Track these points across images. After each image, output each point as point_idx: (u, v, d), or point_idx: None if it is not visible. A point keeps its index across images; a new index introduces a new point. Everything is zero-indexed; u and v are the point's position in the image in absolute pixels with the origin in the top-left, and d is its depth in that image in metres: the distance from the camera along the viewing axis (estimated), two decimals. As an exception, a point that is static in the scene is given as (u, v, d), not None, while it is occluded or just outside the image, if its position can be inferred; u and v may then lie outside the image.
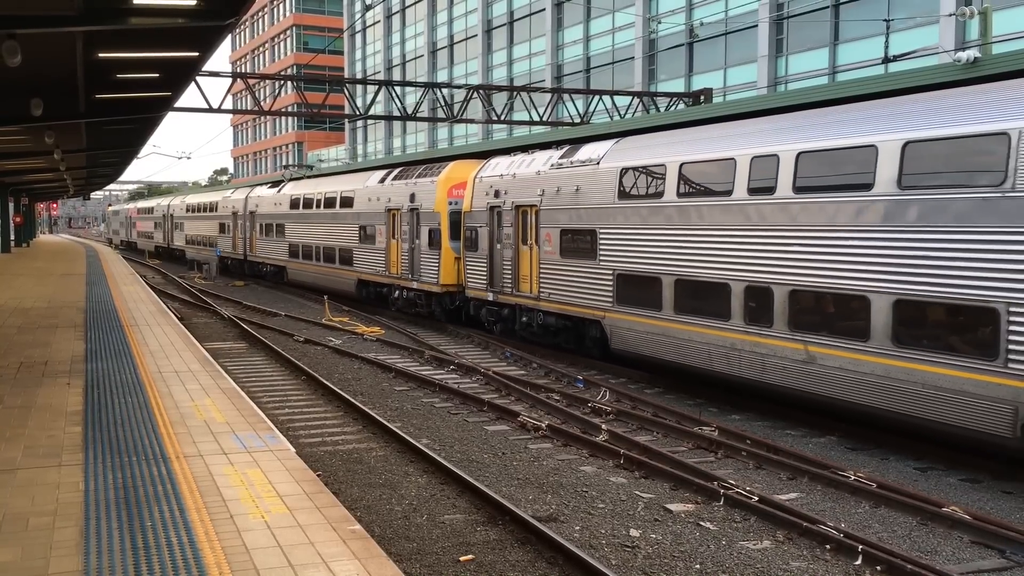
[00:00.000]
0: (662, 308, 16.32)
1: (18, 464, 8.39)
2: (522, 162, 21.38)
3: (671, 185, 16.24)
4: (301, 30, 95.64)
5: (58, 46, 13.95)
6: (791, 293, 13.66)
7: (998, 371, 10.71)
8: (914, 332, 11.84)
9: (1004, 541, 9.23)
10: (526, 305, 20.99)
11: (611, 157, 18.14)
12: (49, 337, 16.68)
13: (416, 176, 26.68)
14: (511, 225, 21.33)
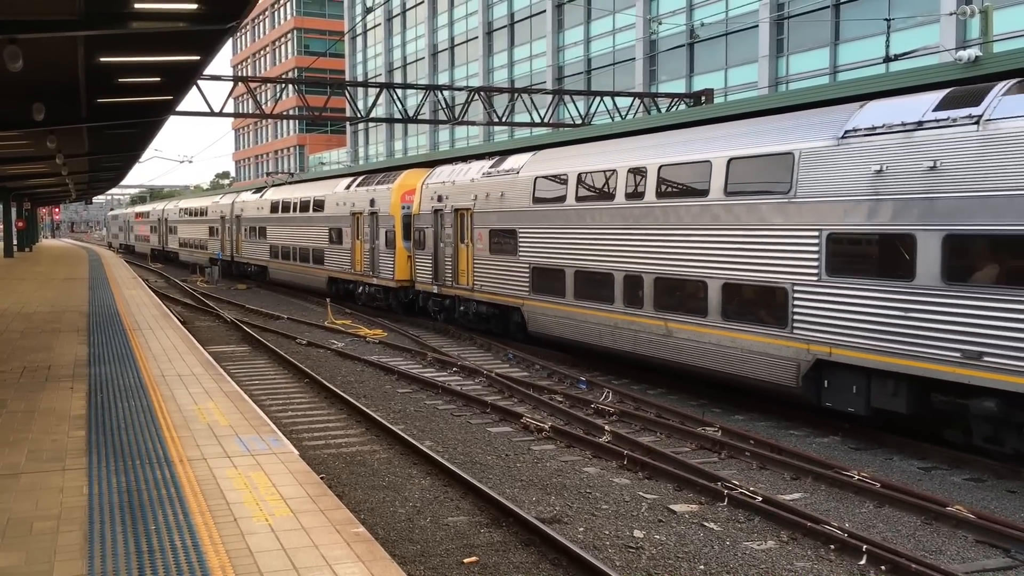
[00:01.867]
0: (565, 295, 19.23)
1: (22, 468, 8.40)
2: (461, 171, 24.25)
3: (571, 191, 19.09)
4: (302, 33, 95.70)
5: (60, 51, 13.97)
6: (655, 280, 16.62)
7: (787, 336, 13.82)
8: (736, 309, 14.88)
9: (1009, 540, 9.22)
10: (463, 296, 23.82)
11: (529, 167, 20.95)
12: (52, 341, 16.69)
13: (375, 183, 29.72)
14: (451, 226, 24.10)
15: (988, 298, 11.11)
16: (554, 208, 19.62)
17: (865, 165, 12.71)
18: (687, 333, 15.75)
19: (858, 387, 12.88)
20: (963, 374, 11.39)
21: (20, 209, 61.37)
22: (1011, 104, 11.19)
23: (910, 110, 12.45)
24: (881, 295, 12.41)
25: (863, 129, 12.87)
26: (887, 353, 12.33)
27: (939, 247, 11.71)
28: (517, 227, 20.97)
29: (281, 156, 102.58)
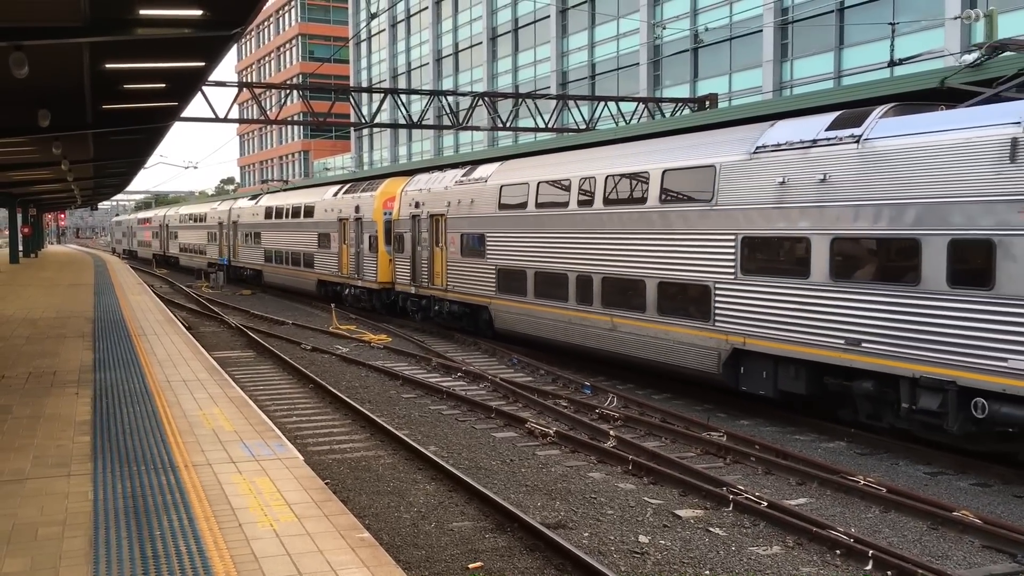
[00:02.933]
0: (527, 295, 20.78)
1: (27, 474, 8.41)
2: (436, 179, 25.87)
3: (532, 198, 20.66)
4: (307, 39, 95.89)
5: (65, 57, 14.00)
6: (603, 280, 18.14)
7: (710, 329, 15.41)
8: (669, 305, 16.46)
9: (1015, 545, 9.18)
10: (438, 296, 25.36)
11: (496, 176, 22.56)
12: (57, 347, 16.72)
13: (360, 191, 31.42)
14: (427, 231, 25.69)
15: (865, 293, 12.76)
16: (517, 214, 21.24)
17: (771, 177, 14.31)
18: (629, 327, 17.39)
19: (767, 372, 14.51)
20: (846, 359, 13.03)
21: (26, 215, 61.52)
22: (885, 126, 12.77)
23: (808, 129, 14.03)
24: (783, 291, 14.08)
25: (771, 145, 14.49)
26: (789, 342, 13.98)
27: (828, 249, 13.34)
28: (485, 231, 22.55)
29: (286, 162, 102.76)
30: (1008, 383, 10.95)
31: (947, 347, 11.66)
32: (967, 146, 11.55)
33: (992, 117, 11.51)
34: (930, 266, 11.91)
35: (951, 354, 11.61)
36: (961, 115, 11.99)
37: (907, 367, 12.14)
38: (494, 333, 22.74)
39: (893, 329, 12.31)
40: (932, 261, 11.89)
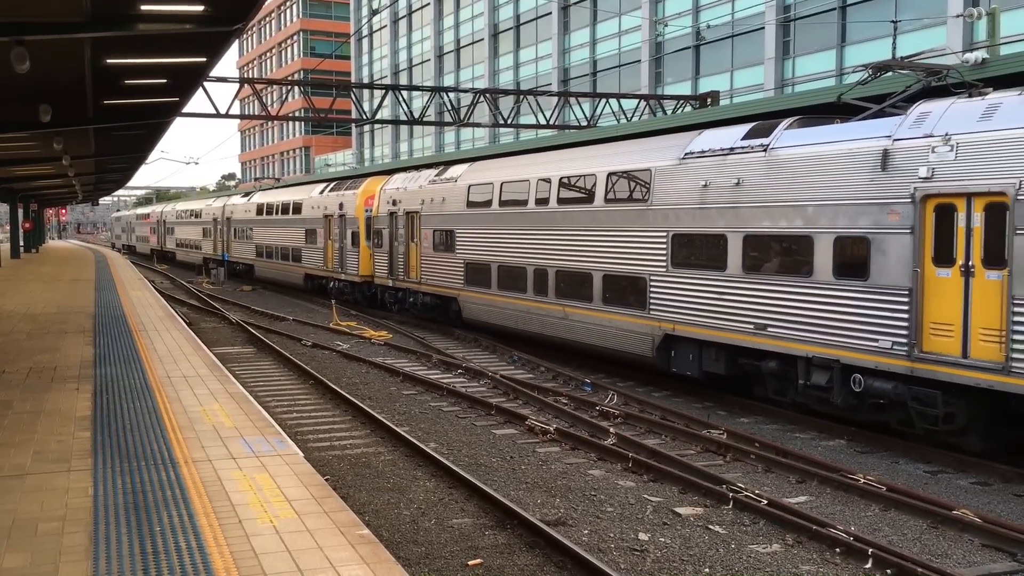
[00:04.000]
0: (491, 287, 22.29)
1: (27, 469, 8.41)
2: (412, 178, 27.43)
3: (496, 197, 22.22)
4: (308, 35, 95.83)
5: (66, 52, 13.99)
6: (556, 273, 19.77)
7: (646, 317, 17.07)
8: (612, 295, 17.98)
9: (1015, 544, 9.18)
10: (412, 288, 26.97)
11: (465, 176, 24.10)
12: (58, 342, 16.73)
13: (344, 189, 32.97)
14: (404, 227, 27.32)
15: (771, 284, 14.45)
16: (483, 212, 22.81)
17: (696, 180, 15.90)
18: (579, 316, 19.03)
19: (693, 355, 16.17)
20: (756, 342, 14.70)
21: (27, 210, 61.53)
22: (788, 136, 14.43)
23: (727, 138, 15.65)
24: (705, 283, 15.70)
25: (696, 152, 16.11)
26: (710, 327, 15.62)
27: (741, 245, 14.98)
28: (455, 228, 24.17)
29: (287, 158, 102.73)
30: (879, 360, 12.65)
31: (833, 330, 13.34)
32: (849, 156, 13.15)
33: (870, 131, 13.05)
34: (820, 260, 13.58)
35: (836, 336, 13.28)
36: (848, 128, 13.54)
37: (802, 348, 13.85)
38: (463, 323, 24.30)
39: (792, 315, 14.04)
40: (822, 256, 13.55)
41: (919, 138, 12.27)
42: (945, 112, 12.24)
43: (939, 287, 11.96)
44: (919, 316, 12.14)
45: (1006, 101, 11.66)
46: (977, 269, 11.57)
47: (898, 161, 12.46)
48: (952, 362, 11.74)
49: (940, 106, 12.46)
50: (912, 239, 12.22)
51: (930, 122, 12.28)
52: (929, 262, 12.10)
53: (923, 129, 12.29)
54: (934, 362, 11.94)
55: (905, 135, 12.49)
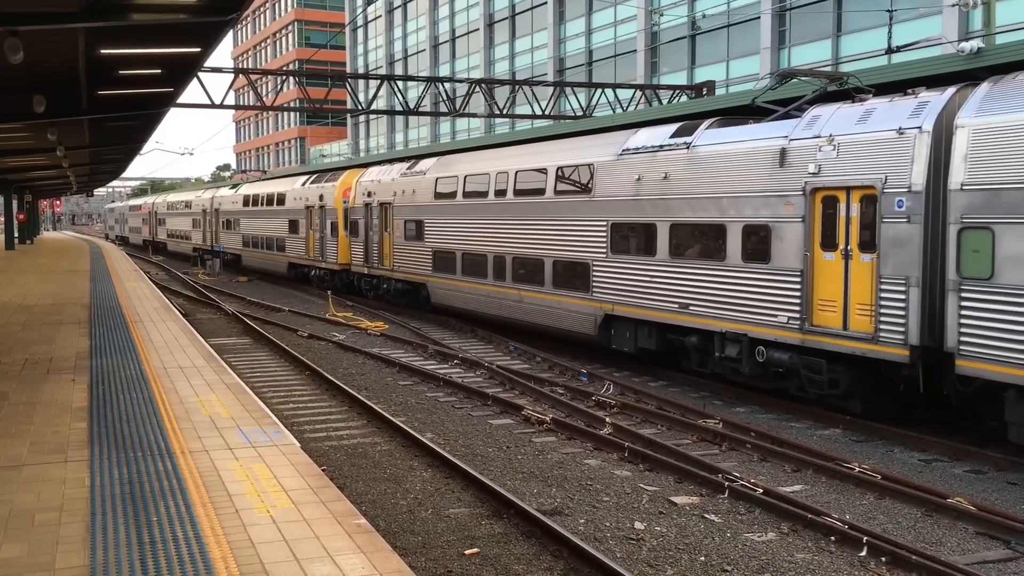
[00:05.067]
0: (456, 273, 23.85)
1: (24, 460, 8.42)
2: (386, 171, 28.95)
3: (460, 189, 23.76)
4: (303, 25, 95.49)
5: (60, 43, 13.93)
6: (513, 259, 21.29)
7: (589, 299, 18.65)
8: (561, 279, 19.57)
9: (1009, 532, 9.23)
10: (385, 275, 28.56)
11: (433, 170, 25.70)
12: (54, 334, 16.71)
13: (324, 181, 34.49)
14: (378, 218, 28.84)
15: (692, 267, 16.06)
16: (449, 203, 24.35)
17: (632, 174, 17.42)
18: (532, 299, 20.62)
19: (630, 333, 17.73)
20: (680, 319, 16.37)
21: (21, 201, 61.32)
22: (708, 135, 15.99)
23: (658, 136, 17.14)
24: (639, 267, 17.32)
25: (632, 149, 17.60)
26: (643, 307, 17.26)
27: (668, 233, 16.59)
28: (424, 218, 25.68)
29: (282, 148, 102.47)
30: (777, 334, 14.39)
31: (742, 308, 15.04)
32: (755, 153, 14.80)
33: (773, 131, 14.64)
34: (731, 246, 15.22)
35: (744, 313, 15.00)
36: (756, 129, 15.12)
37: (718, 324, 15.53)
38: (432, 308, 25.88)
39: (709, 295, 15.68)
40: (733, 242, 15.20)
41: (810, 138, 13.88)
42: (832, 116, 13.81)
43: (825, 269, 13.66)
44: (809, 294, 13.86)
45: (879, 106, 13.24)
46: (854, 253, 13.24)
47: (793, 158, 14.08)
48: (835, 333, 13.42)
49: (828, 110, 14.00)
50: (804, 227, 13.90)
51: (819, 124, 13.89)
52: (817, 247, 13.77)
53: (813, 130, 13.90)
54: (821, 334, 13.64)
55: (799, 135, 14.08)
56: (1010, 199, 11.18)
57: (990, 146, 11.46)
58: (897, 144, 12.62)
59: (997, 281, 11.31)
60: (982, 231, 11.48)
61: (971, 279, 11.61)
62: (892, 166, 12.65)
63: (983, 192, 11.48)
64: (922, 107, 12.62)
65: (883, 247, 12.71)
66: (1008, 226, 11.20)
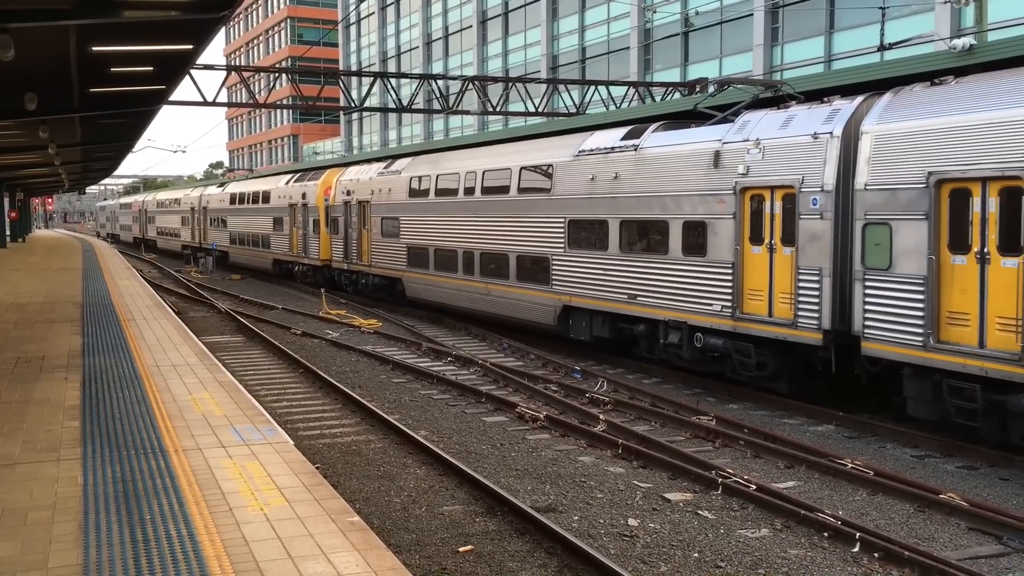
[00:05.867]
0: (429, 268, 25.09)
1: (16, 459, 8.39)
2: (364, 171, 30.19)
3: (433, 188, 24.95)
4: (295, 22, 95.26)
5: (51, 40, 13.88)
6: (481, 254, 22.47)
7: (549, 291, 19.86)
8: (524, 273, 20.79)
9: (1001, 527, 9.27)
10: (364, 271, 29.75)
11: (407, 169, 26.97)
12: (46, 332, 16.66)
13: (307, 180, 35.61)
14: (357, 215, 29.98)
15: (640, 261, 17.20)
16: (422, 201, 25.56)
17: (586, 174, 18.60)
18: (498, 292, 21.74)
19: (586, 323, 18.88)
20: (629, 309, 17.54)
21: (13, 199, 61.10)
22: (654, 138, 17.18)
23: (611, 138, 18.28)
24: (593, 261, 18.46)
25: (587, 150, 18.75)
26: (597, 298, 18.37)
27: (618, 229, 17.73)
28: (399, 216, 26.91)
29: (275, 146, 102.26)
30: (712, 321, 15.54)
31: (682, 298, 16.22)
32: (693, 155, 15.97)
33: (710, 135, 15.79)
34: (673, 241, 16.36)
35: (684, 302, 16.16)
36: (696, 132, 16.25)
37: (662, 313, 16.69)
38: (407, 301, 27.11)
39: (654, 286, 16.87)
40: (674, 237, 16.34)
41: (740, 142, 15.06)
42: (759, 121, 14.99)
43: (753, 261, 14.87)
44: (740, 285, 15.04)
45: (799, 113, 14.43)
46: (778, 247, 14.44)
47: (725, 160, 15.24)
48: (761, 320, 14.64)
49: (757, 116, 15.18)
50: (735, 223, 15.07)
51: (748, 129, 15.09)
52: (747, 241, 14.94)
53: (743, 134, 15.07)
54: (750, 321, 14.85)
55: (731, 139, 15.26)
56: (904, 198, 12.35)
57: (888, 150, 12.58)
58: (812, 148, 13.80)
59: (894, 271, 12.51)
60: (882, 226, 12.66)
61: (873, 269, 12.80)
62: (808, 168, 13.82)
63: (882, 192, 12.66)
64: (834, 114, 13.75)
65: (800, 241, 13.92)
66: (903, 222, 12.37)
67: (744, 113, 15.63)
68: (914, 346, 12.16)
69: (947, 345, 11.83)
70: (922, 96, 12.54)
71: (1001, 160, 11.19)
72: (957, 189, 11.81)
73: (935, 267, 11.99)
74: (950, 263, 11.90)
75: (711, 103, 17.25)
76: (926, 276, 12.05)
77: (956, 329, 11.78)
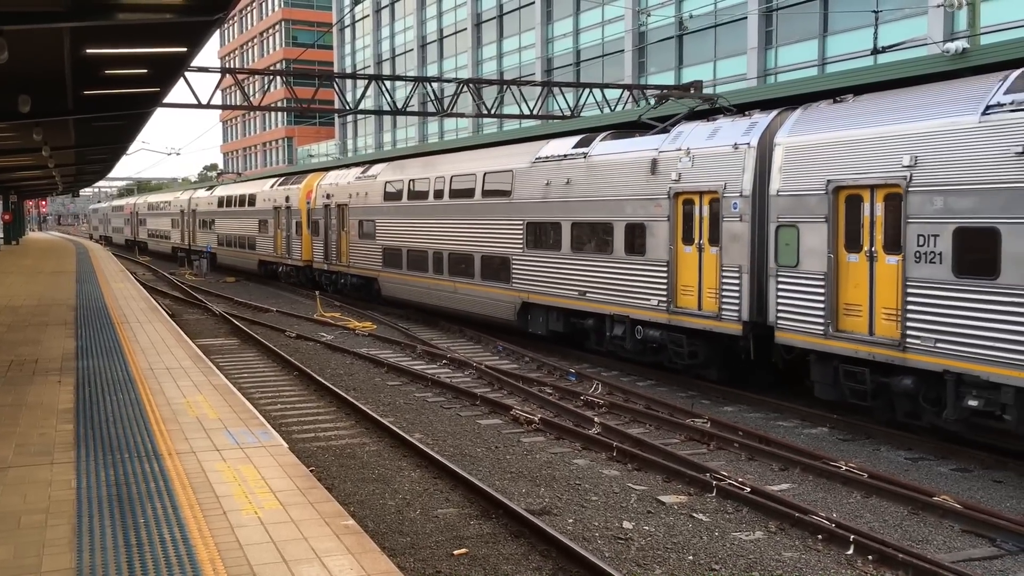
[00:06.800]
0: (402, 268, 26.44)
1: (10, 462, 8.37)
2: (343, 175, 31.82)
3: (406, 192, 26.45)
4: (290, 25, 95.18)
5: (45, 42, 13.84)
6: (449, 255, 23.90)
7: (510, 288, 21.18)
8: (487, 272, 22.04)
9: (994, 530, 9.29)
10: (343, 271, 31.15)
11: (383, 174, 28.41)
12: (39, 335, 16.62)
13: (290, 184, 37.14)
14: (336, 218, 31.47)
15: (589, 260, 18.50)
16: (396, 204, 26.90)
17: (542, 180, 19.93)
18: (465, 290, 23.09)
19: (543, 318, 20.26)
20: (580, 305, 18.81)
21: (6, 202, 60.95)
22: (602, 146, 18.47)
23: (564, 146, 19.72)
24: (548, 260, 19.82)
25: (543, 157, 20.13)
26: (552, 295, 19.72)
27: (570, 230, 19.08)
28: (375, 219, 28.25)
29: (269, 148, 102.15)
30: (650, 315, 16.92)
31: (624, 294, 17.51)
32: (634, 162, 17.26)
33: (649, 144, 17.07)
34: (617, 241, 17.67)
35: (626, 298, 17.47)
36: (638, 141, 17.50)
37: (607, 308, 17.98)
38: (383, 300, 28.39)
39: (601, 283, 18.13)
40: (618, 238, 17.66)
41: (673, 151, 16.38)
42: (691, 132, 16.34)
43: (686, 260, 16.27)
44: (674, 281, 16.45)
45: (723, 125, 15.81)
46: (706, 247, 15.82)
47: (661, 167, 16.59)
48: (692, 313, 16.06)
49: (689, 127, 16.57)
50: (669, 225, 16.46)
51: (681, 138, 16.42)
52: (680, 241, 16.37)
53: (677, 144, 16.40)
54: (682, 314, 16.25)
55: (667, 148, 16.57)
56: (809, 203, 13.70)
57: (796, 160, 13.95)
58: (733, 157, 15.20)
59: (801, 269, 13.89)
60: (791, 228, 14.04)
61: (784, 267, 14.18)
62: (730, 175, 15.20)
63: (791, 197, 14.01)
64: (752, 127, 15.12)
65: (724, 241, 15.35)
66: (808, 224, 13.74)
67: (680, 124, 16.99)
68: (817, 334, 13.55)
69: (844, 333, 13.20)
70: (825, 112, 13.93)
71: (886, 170, 12.52)
72: (851, 195, 13.18)
73: (834, 264, 13.37)
74: (846, 261, 13.29)
75: (653, 114, 18.72)
76: (826, 272, 13.44)
77: (851, 319, 13.20)
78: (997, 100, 11.30)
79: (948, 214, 11.74)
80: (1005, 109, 11.13)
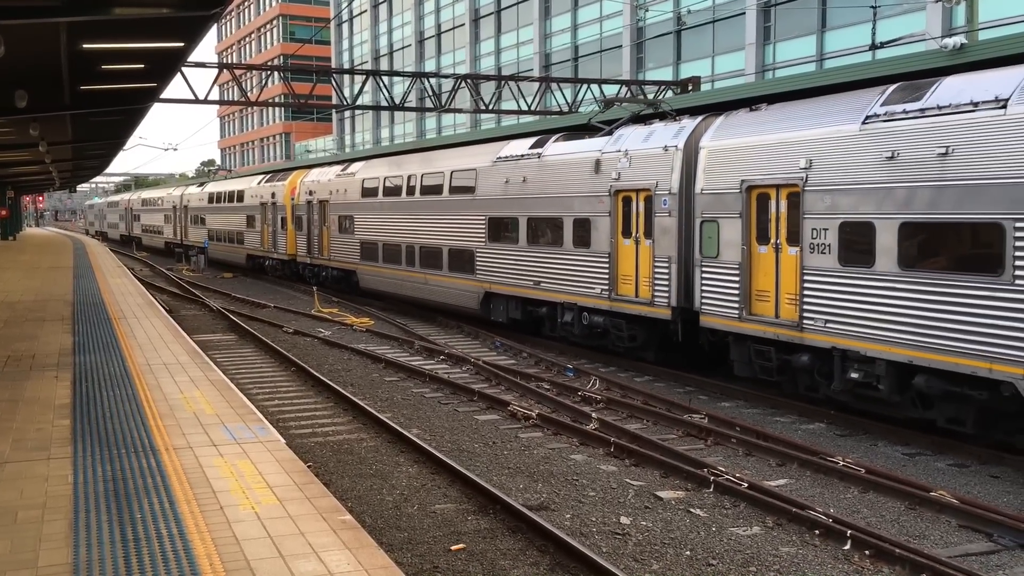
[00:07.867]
0: (379, 261, 27.83)
1: (6, 457, 8.36)
2: (325, 172, 33.20)
3: (381, 189, 27.76)
4: (287, 20, 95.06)
5: (42, 37, 13.82)
6: (420, 248, 25.21)
7: (474, 279, 22.51)
8: (454, 264, 23.48)
9: (992, 525, 9.30)
10: (324, 264, 32.69)
11: (360, 172, 29.86)
12: (36, 330, 16.60)
13: (276, 180, 38.42)
14: (318, 213, 32.89)
15: (542, 252, 19.85)
16: (373, 201, 28.28)
17: (502, 177, 21.23)
18: (435, 281, 24.49)
19: (504, 307, 21.57)
20: (535, 294, 20.23)
21: (3, 197, 60.84)
22: (555, 147, 19.84)
23: (522, 147, 21.03)
24: (507, 252, 21.13)
25: (503, 157, 21.48)
26: (510, 285, 21.05)
27: (526, 225, 20.39)
28: (353, 214, 29.61)
29: (267, 144, 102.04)
30: (595, 302, 18.30)
31: (572, 283, 18.88)
32: (580, 162, 18.64)
33: (594, 145, 18.45)
34: (567, 235, 19.01)
35: (574, 287, 18.83)
36: (585, 143, 18.85)
37: (558, 297, 19.40)
38: (360, 291, 29.78)
39: (552, 274, 19.51)
40: (567, 232, 18.97)
41: (614, 151, 17.76)
42: (630, 134, 17.68)
43: (625, 251, 17.60)
44: (615, 271, 17.81)
45: (658, 128, 17.14)
46: (641, 239, 17.21)
47: (604, 167, 17.95)
48: (630, 300, 17.44)
49: (629, 130, 17.92)
50: (610, 220, 17.80)
51: (622, 141, 17.75)
52: (620, 235, 17.68)
53: (617, 145, 17.75)
54: (622, 301, 17.64)
55: (608, 149, 17.92)
56: (727, 200, 15.11)
57: (716, 162, 15.34)
58: (663, 158, 16.58)
59: (720, 259, 15.31)
60: (712, 223, 15.43)
61: (707, 258, 15.56)
62: (661, 174, 16.60)
63: (713, 195, 15.40)
64: (680, 131, 16.50)
65: (656, 234, 16.78)
66: (726, 220, 15.15)
67: (622, 127, 18.32)
68: (734, 318, 15.04)
69: (755, 317, 14.71)
70: (742, 119, 15.38)
71: (787, 172, 13.96)
72: (761, 193, 14.61)
73: (747, 255, 14.85)
74: (758, 252, 14.79)
75: (602, 118, 20.08)
76: (741, 263, 14.88)
77: (761, 304, 14.71)
78: (874, 111, 12.71)
79: (835, 211, 13.24)
80: (880, 119, 12.55)
